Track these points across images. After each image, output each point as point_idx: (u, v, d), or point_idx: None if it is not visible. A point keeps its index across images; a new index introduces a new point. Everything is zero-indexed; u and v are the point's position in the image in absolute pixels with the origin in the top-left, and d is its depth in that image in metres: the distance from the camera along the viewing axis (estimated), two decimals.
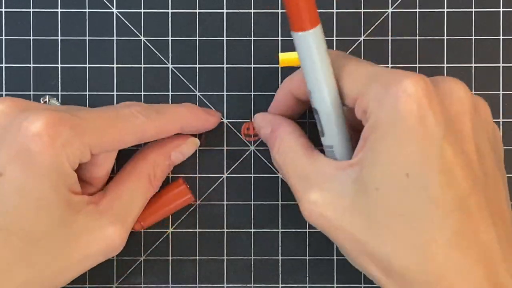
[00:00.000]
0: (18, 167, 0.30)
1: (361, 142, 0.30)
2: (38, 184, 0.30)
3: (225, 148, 0.39)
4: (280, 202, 0.39)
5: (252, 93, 0.39)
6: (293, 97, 0.35)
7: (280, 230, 0.39)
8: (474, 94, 0.38)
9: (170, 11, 0.39)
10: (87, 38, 0.39)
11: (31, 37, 0.39)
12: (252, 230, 0.39)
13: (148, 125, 0.34)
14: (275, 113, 0.36)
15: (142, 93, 0.39)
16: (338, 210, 0.30)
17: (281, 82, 0.39)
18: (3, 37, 0.39)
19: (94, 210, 0.33)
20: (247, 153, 0.39)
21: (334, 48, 0.39)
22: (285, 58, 0.37)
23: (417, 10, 0.39)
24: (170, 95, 0.39)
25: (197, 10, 0.39)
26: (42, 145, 0.30)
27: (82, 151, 0.31)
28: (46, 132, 0.30)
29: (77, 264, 0.33)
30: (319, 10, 0.39)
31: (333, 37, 0.39)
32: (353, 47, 0.39)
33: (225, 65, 0.39)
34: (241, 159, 0.39)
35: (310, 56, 0.30)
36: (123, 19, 0.39)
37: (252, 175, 0.39)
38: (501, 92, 0.39)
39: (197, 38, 0.39)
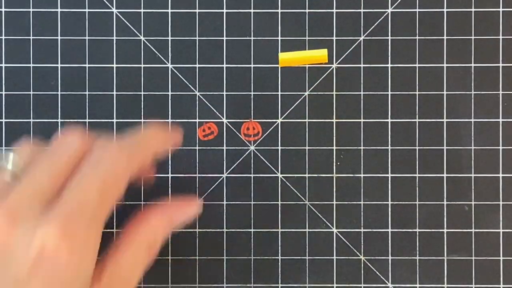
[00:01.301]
0: (40, 286, 0.28)
1: None
2: None
3: (225, 148, 0.39)
4: (280, 202, 0.39)
5: (252, 93, 0.39)
6: None
7: (280, 230, 0.39)
8: (474, 93, 0.39)
9: (170, 11, 0.39)
10: (87, 38, 0.39)
11: (31, 37, 0.39)
12: (252, 230, 0.39)
13: (128, 174, 0.32)
14: None
15: (142, 93, 0.39)
16: None
17: (281, 82, 0.39)
18: (3, 37, 0.39)
19: None
20: (247, 153, 0.39)
21: (334, 48, 0.39)
22: (285, 58, 0.37)
23: (417, 10, 0.39)
24: (170, 95, 0.39)
25: (197, 10, 0.39)
26: (63, 261, 0.28)
27: (98, 238, 0.30)
28: (65, 246, 0.28)
29: None
30: (319, 10, 0.39)
31: (333, 37, 0.39)
32: (353, 47, 0.39)
33: (225, 65, 0.39)
34: (241, 159, 0.39)
35: None
36: (123, 19, 0.39)
37: (252, 175, 0.39)
38: (500, 92, 0.39)
39: (197, 38, 0.39)
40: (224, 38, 0.39)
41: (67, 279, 0.28)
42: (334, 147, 0.39)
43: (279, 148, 0.39)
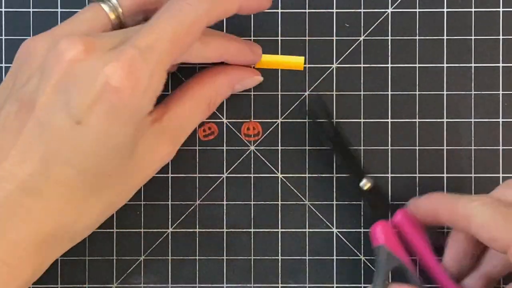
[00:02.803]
0: (100, 118, 0.30)
1: None
2: (121, 132, 0.30)
3: (225, 148, 0.39)
4: (280, 202, 0.39)
5: (252, 93, 0.39)
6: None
7: (280, 230, 0.39)
8: (474, 93, 0.39)
9: None
10: None
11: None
12: (252, 230, 0.39)
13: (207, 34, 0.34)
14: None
15: None
16: None
17: (281, 82, 0.39)
18: (3, 37, 0.39)
19: (158, 128, 0.34)
20: (247, 153, 0.39)
21: (334, 48, 0.39)
22: (265, 60, 0.38)
23: (417, 10, 0.39)
24: None
25: None
26: (125, 98, 0.30)
27: (160, 83, 0.31)
28: (128, 85, 0.30)
29: (138, 186, 0.34)
30: (319, 10, 0.39)
31: (333, 37, 0.39)
32: (353, 47, 0.39)
33: None
34: (241, 159, 0.39)
35: None
36: None
37: (252, 175, 0.39)
38: (501, 92, 0.39)
39: None
40: None
41: (125, 115, 0.30)
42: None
43: (279, 148, 0.39)
